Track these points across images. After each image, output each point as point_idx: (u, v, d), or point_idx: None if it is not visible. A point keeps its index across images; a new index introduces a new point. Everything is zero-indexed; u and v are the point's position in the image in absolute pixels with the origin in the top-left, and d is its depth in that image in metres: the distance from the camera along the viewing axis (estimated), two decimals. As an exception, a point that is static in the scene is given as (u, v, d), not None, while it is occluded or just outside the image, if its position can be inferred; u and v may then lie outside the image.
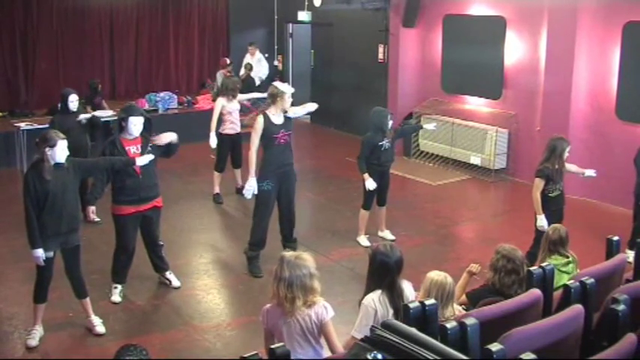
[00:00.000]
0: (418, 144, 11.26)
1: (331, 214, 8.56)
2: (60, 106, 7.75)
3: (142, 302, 6.06)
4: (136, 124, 5.71)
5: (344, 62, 12.98)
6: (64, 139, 5.00)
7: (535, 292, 3.37)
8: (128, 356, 2.94)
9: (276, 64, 14.70)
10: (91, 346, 5.25)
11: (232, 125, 8.80)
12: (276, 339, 3.74)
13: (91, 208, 6.26)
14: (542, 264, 3.64)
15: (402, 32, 11.51)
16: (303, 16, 13.25)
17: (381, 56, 12.09)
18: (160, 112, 12.20)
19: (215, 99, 9.92)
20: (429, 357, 2.10)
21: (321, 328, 3.76)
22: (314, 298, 3.73)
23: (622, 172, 8.24)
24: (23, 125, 10.34)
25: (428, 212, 8.65)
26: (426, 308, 2.73)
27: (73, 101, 7.59)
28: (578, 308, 3.07)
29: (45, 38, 12.53)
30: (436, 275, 3.84)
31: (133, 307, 5.94)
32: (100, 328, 5.39)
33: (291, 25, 14.54)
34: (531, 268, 3.58)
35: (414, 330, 2.32)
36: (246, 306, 6.01)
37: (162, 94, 12.63)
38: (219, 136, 8.74)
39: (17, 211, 5.07)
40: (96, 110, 11.09)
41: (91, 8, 13.01)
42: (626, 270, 4.02)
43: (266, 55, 14.03)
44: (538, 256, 5.47)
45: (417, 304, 2.74)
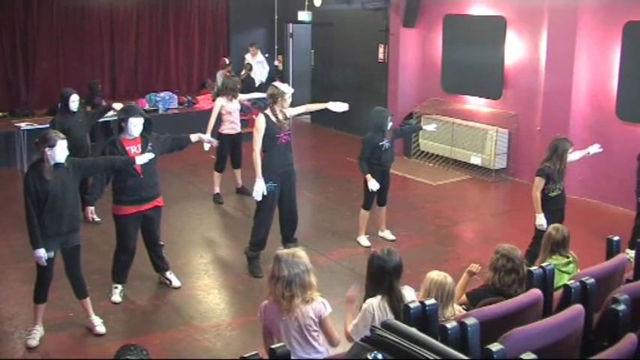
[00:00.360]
0: (418, 144, 11.26)
1: (331, 214, 8.56)
2: (60, 106, 7.74)
3: (143, 302, 6.06)
4: (135, 125, 5.71)
5: (344, 62, 12.97)
6: (63, 139, 5.00)
7: (535, 292, 3.37)
8: (128, 356, 2.95)
9: (276, 64, 14.70)
10: (91, 346, 5.25)
11: (232, 125, 8.80)
12: (274, 336, 3.74)
13: (90, 209, 6.25)
14: (543, 264, 3.64)
15: (403, 32, 11.51)
16: (304, 16, 13.24)
17: (381, 56, 12.09)
18: (160, 112, 12.21)
19: (215, 99, 9.92)
20: (429, 357, 2.10)
21: (320, 324, 3.78)
22: (312, 294, 3.75)
23: (622, 172, 8.24)
24: (23, 125, 10.35)
25: (428, 212, 8.65)
26: (426, 308, 2.73)
27: (74, 101, 7.59)
28: (578, 308, 3.07)
29: (45, 38, 12.53)
30: (436, 275, 3.85)
31: (133, 307, 5.94)
32: (100, 328, 5.39)
33: (291, 25, 14.54)
34: (531, 268, 3.58)
35: (414, 330, 2.32)
36: (246, 306, 6.01)
37: (163, 94, 12.63)
38: (219, 136, 8.73)
39: (17, 210, 5.08)
40: (95, 110, 11.11)
41: (92, 8, 13.01)
42: (627, 270, 4.02)
43: (266, 55, 14.03)
44: (538, 255, 5.47)
45: (417, 304, 2.74)
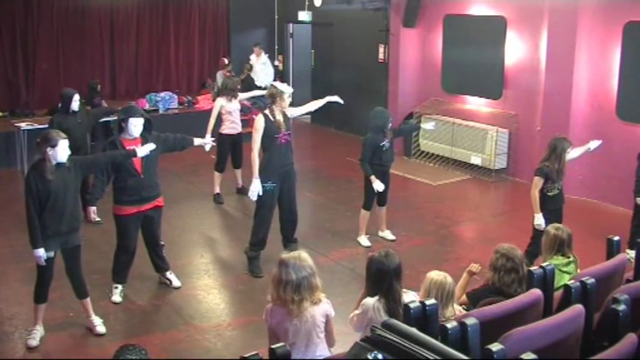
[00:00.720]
0: (419, 144, 11.26)
1: (331, 214, 8.55)
2: (60, 106, 7.74)
3: (143, 302, 6.06)
4: (136, 125, 5.71)
5: (344, 62, 12.97)
6: (65, 139, 5.00)
7: (535, 292, 3.37)
8: (127, 356, 2.95)
9: (276, 64, 14.69)
10: (92, 346, 5.25)
11: (232, 125, 8.80)
12: (280, 338, 3.75)
13: (92, 209, 6.23)
14: (544, 264, 3.64)
15: (403, 32, 11.51)
16: (304, 16, 13.24)
17: (381, 56, 12.09)
18: (161, 112, 12.20)
19: (215, 99, 9.92)
20: (429, 357, 2.10)
21: (325, 324, 3.82)
22: (319, 295, 3.77)
23: (622, 172, 8.24)
24: (24, 125, 10.34)
25: (428, 212, 8.65)
26: (427, 308, 2.73)
27: (77, 101, 7.57)
28: (578, 308, 3.07)
29: (45, 38, 12.52)
30: (436, 275, 3.86)
31: (133, 307, 5.94)
32: (100, 328, 5.39)
33: (291, 25, 14.54)
34: (532, 268, 3.58)
35: (414, 330, 2.32)
36: (246, 306, 6.01)
37: (163, 94, 12.62)
38: (219, 136, 8.72)
39: (18, 210, 5.09)
40: (97, 110, 11.10)
41: (92, 8, 13.00)
42: (627, 270, 4.02)
43: (266, 54, 14.02)
44: (537, 255, 5.47)
45: (417, 304, 2.74)
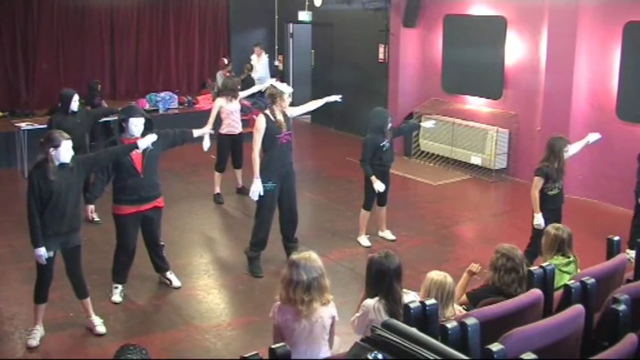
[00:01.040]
0: (419, 144, 11.26)
1: (332, 214, 8.55)
2: (60, 106, 7.73)
3: (143, 302, 6.06)
4: (136, 125, 5.71)
5: (344, 62, 12.97)
6: (68, 140, 4.99)
7: (536, 292, 3.37)
8: (128, 356, 2.95)
9: (276, 64, 14.70)
10: (92, 346, 5.25)
11: (232, 126, 8.78)
12: (285, 337, 3.74)
13: (90, 207, 6.25)
14: (544, 264, 3.64)
15: (403, 32, 11.51)
16: (304, 16, 13.24)
17: (381, 56, 12.09)
18: (161, 112, 12.21)
19: (215, 99, 9.91)
20: (429, 357, 2.10)
21: (330, 326, 3.83)
22: (328, 297, 3.79)
23: (622, 172, 8.24)
24: (24, 125, 10.35)
25: (428, 212, 8.64)
26: (427, 308, 2.73)
27: (76, 101, 7.56)
28: (578, 308, 3.07)
29: (45, 38, 12.52)
30: (436, 275, 3.86)
31: (133, 307, 5.94)
32: (100, 328, 5.39)
33: (291, 25, 14.54)
34: (532, 268, 3.59)
35: (414, 330, 2.32)
36: (246, 306, 6.01)
37: (163, 94, 12.63)
38: (219, 136, 8.72)
39: (18, 211, 5.09)
40: (97, 110, 11.10)
41: (92, 8, 13.01)
42: (627, 270, 4.02)
43: (266, 54, 14.03)
44: (536, 255, 5.46)
45: (417, 304, 2.74)
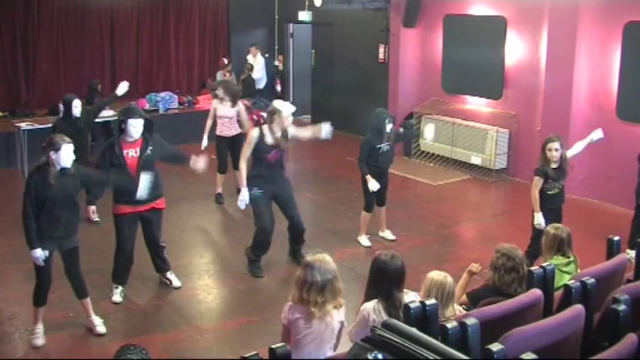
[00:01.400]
0: (419, 144, 11.27)
1: (332, 214, 8.55)
2: (63, 112, 7.61)
3: (143, 302, 6.06)
4: (135, 126, 5.65)
5: (344, 62, 12.96)
6: (69, 144, 4.96)
7: (536, 292, 3.37)
8: (128, 356, 2.95)
9: (276, 64, 14.70)
10: (92, 346, 5.25)
11: (227, 128, 8.70)
12: (292, 336, 3.74)
13: (92, 208, 6.26)
14: (544, 264, 3.64)
15: (403, 32, 11.51)
16: (304, 16, 13.24)
17: (381, 56, 12.09)
18: (161, 112, 12.20)
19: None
20: (429, 357, 2.10)
21: (338, 331, 3.85)
22: (341, 300, 3.79)
23: (622, 172, 8.24)
24: (24, 125, 10.35)
25: (428, 212, 8.65)
26: (427, 308, 2.73)
27: (77, 106, 7.49)
28: (578, 308, 3.07)
29: (45, 38, 12.52)
30: (436, 275, 3.86)
31: (133, 307, 5.94)
32: (100, 328, 5.38)
33: (291, 25, 14.52)
34: (532, 268, 3.58)
35: (414, 330, 2.32)
36: (246, 306, 6.01)
37: (163, 94, 12.62)
38: (216, 137, 8.76)
39: (18, 211, 5.07)
40: (92, 107, 11.08)
41: (92, 8, 13.00)
42: (627, 270, 4.02)
43: (266, 55, 14.03)
44: (537, 255, 5.45)
45: (417, 304, 2.74)
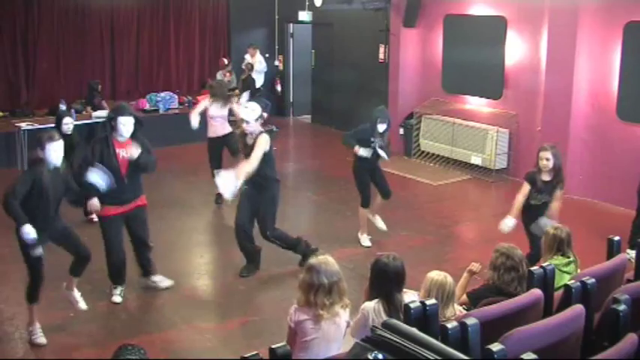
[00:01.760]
0: (419, 144, 11.26)
1: (332, 214, 8.55)
2: (55, 124, 7.49)
3: (143, 302, 6.06)
4: (125, 124, 5.57)
5: (344, 62, 12.97)
6: (57, 141, 5.00)
7: (536, 292, 3.37)
8: (127, 356, 2.94)
9: (276, 64, 14.70)
10: (91, 346, 5.24)
11: (214, 126, 8.61)
12: (300, 339, 3.73)
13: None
14: (544, 264, 3.64)
15: (403, 32, 11.50)
16: (304, 16, 13.24)
17: (381, 56, 12.09)
18: (161, 112, 12.21)
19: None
20: (429, 357, 2.10)
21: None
22: (347, 300, 3.79)
23: (622, 172, 8.24)
24: (24, 125, 10.36)
25: (428, 212, 8.64)
26: (427, 308, 2.73)
27: (68, 124, 7.38)
28: (579, 308, 3.07)
29: (46, 38, 12.51)
30: (436, 275, 3.85)
31: (133, 307, 5.94)
32: (82, 305, 5.39)
33: (291, 25, 14.52)
34: (532, 268, 3.58)
35: (414, 330, 2.32)
36: (246, 306, 6.01)
37: (163, 94, 12.61)
38: (208, 139, 8.71)
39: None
40: (96, 110, 11.12)
41: (92, 8, 12.99)
42: (627, 270, 4.02)
43: (266, 55, 14.02)
44: (539, 259, 5.44)
45: (417, 304, 2.74)
